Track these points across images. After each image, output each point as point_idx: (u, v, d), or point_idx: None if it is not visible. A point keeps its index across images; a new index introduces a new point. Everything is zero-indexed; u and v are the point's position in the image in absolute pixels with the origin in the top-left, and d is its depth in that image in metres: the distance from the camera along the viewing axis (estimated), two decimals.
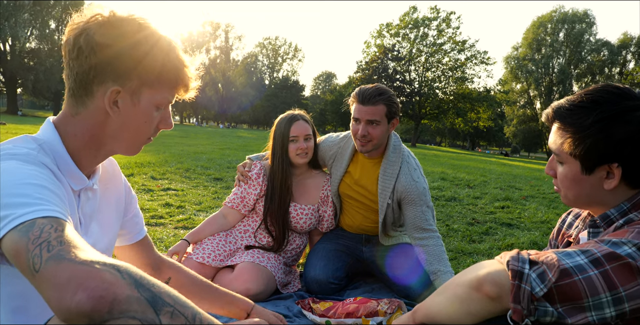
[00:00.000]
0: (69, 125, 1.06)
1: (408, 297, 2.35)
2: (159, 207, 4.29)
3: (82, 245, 0.74)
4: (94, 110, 1.04)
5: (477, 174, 10.37)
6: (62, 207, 0.84)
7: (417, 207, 2.36)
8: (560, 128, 1.17)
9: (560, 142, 1.18)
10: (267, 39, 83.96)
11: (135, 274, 0.69)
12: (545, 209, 5.64)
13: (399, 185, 2.36)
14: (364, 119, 2.26)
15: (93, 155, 1.10)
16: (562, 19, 51.35)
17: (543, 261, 0.96)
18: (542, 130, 52.62)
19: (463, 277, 1.06)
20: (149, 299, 0.67)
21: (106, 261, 0.69)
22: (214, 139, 20.11)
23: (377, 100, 2.23)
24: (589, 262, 0.94)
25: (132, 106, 1.05)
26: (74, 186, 1.07)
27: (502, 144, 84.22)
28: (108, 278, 0.65)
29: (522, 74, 53.35)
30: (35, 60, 43.23)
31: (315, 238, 2.75)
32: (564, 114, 1.16)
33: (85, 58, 0.99)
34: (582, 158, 1.13)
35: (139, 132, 1.10)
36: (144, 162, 7.67)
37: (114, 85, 1.02)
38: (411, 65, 50.23)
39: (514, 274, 0.95)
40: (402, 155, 2.41)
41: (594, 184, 1.15)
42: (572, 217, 1.42)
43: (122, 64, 1.01)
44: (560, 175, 1.22)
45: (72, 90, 1.04)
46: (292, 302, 2.25)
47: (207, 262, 2.33)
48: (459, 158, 20.38)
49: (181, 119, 76.09)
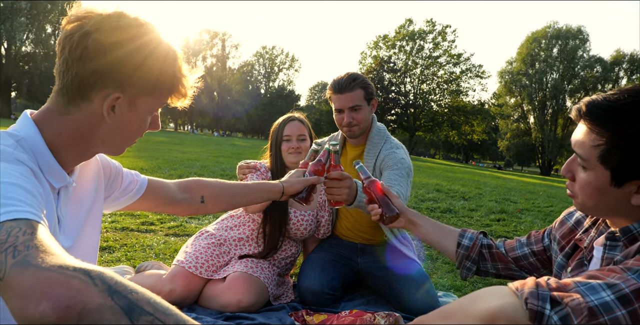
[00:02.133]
0: (54, 123, 1.01)
1: (405, 311, 2.28)
2: (150, 214, 4.20)
3: (52, 249, 0.67)
4: (88, 113, 1.00)
5: (472, 186, 10.35)
6: (36, 207, 0.78)
7: (393, 171, 2.26)
8: (594, 130, 1.02)
9: (590, 146, 1.03)
10: (265, 48, 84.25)
11: (110, 279, 0.62)
12: (541, 223, 5.60)
13: (379, 158, 2.40)
14: (346, 107, 2.33)
15: (77, 156, 1.07)
16: (556, 35, 51.90)
17: (568, 303, 0.86)
18: (536, 144, 52.97)
19: (472, 306, 0.94)
20: (125, 307, 0.59)
21: (77, 266, 0.62)
22: (208, 146, 20.01)
23: (353, 86, 2.31)
24: (615, 300, 0.85)
25: (128, 112, 1.03)
26: (55, 184, 1.02)
27: (496, 158, 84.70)
28: (76, 285, 0.58)
29: (516, 88, 53.72)
30: (30, 65, 43.16)
31: (310, 246, 2.69)
32: (600, 115, 1.01)
33: (90, 61, 0.95)
34: (614, 169, 1.01)
35: (131, 136, 1.10)
36: (136, 167, 7.58)
37: (116, 92, 0.99)
38: (407, 77, 50.68)
39: (532, 314, 0.85)
40: (385, 137, 2.47)
41: (619, 197, 1.04)
42: (581, 214, 1.33)
43: (125, 70, 0.98)
44: (582, 181, 1.09)
45: (66, 90, 0.99)
46: (284, 314, 2.17)
47: (199, 272, 2.25)
48: (453, 170, 20.39)
49: (176, 126, 75.98)
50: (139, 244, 3.19)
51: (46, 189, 0.98)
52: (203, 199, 1.54)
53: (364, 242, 2.59)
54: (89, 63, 0.95)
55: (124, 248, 3.08)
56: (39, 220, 0.75)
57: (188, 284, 2.18)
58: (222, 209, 1.65)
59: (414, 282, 2.32)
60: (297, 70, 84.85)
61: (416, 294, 2.28)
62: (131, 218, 3.98)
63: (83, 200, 1.19)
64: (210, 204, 1.57)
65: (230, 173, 8.20)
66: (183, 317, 0.64)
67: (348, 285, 2.56)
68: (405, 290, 2.30)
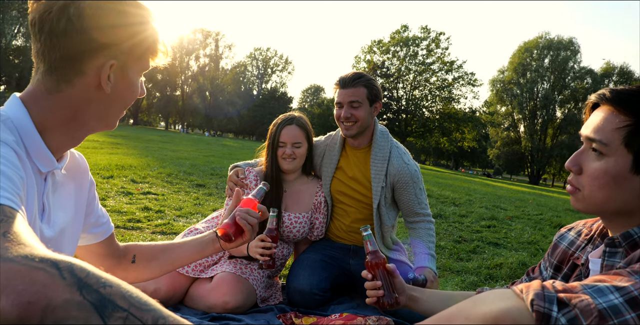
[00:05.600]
0: (44, 102, 0.95)
1: (395, 315, 2.23)
2: (137, 211, 4.12)
3: (22, 238, 0.60)
4: (82, 87, 0.95)
5: (462, 192, 10.36)
6: (12, 192, 0.72)
7: (410, 189, 2.41)
8: (618, 112, 1.00)
9: (611, 128, 1.00)
10: (258, 49, 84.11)
11: (81, 271, 0.54)
12: (531, 230, 5.60)
13: (391, 168, 2.40)
14: (346, 101, 2.33)
15: (70, 136, 1.00)
16: (547, 46, 52.43)
17: (576, 304, 0.81)
18: (525, 153, 53.39)
19: (474, 309, 0.88)
20: (95, 302, 0.51)
21: (45, 256, 0.55)
22: (199, 146, 19.87)
23: (357, 83, 2.32)
24: (624, 302, 0.80)
25: (122, 79, 1.00)
26: (42, 168, 0.96)
27: (485, 165, 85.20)
28: (41, 279, 0.51)
29: (507, 97, 54.15)
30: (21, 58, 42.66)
31: (301, 248, 2.63)
32: (626, 98, 1.00)
33: (77, 32, 0.89)
34: (637, 152, 0.97)
35: (124, 105, 1.06)
36: (125, 164, 7.47)
37: (110, 60, 0.95)
38: (399, 82, 50.84)
39: (539, 316, 0.80)
40: (390, 141, 2.46)
41: (635, 188, 1.00)
42: (574, 234, 1.28)
43: (114, 35, 0.94)
44: (596, 171, 1.04)
45: (54, 68, 0.93)
46: (272, 316, 2.11)
47: (185, 271, 2.18)
48: (444, 177, 20.46)
49: (167, 125, 75.48)
50: (124, 241, 3.10)
51: (30, 173, 0.91)
52: (134, 258, 1.39)
53: (358, 244, 2.54)
54: (75, 35, 0.90)
55: None
56: (14, 206, 0.69)
57: (173, 283, 2.11)
58: (155, 271, 1.43)
59: None
60: (290, 73, 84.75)
61: None
62: (117, 215, 3.89)
63: (72, 190, 1.13)
64: (141, 263, 1.41)
65: (220, 173, 8.12)
66: (163, 313, 0.56)
67: (338, 287, 2.51)
68: None
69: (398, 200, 2.46)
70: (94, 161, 7.35)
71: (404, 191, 2.41)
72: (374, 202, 2.42)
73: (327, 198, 2.53)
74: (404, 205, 2.44)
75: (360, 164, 2.47)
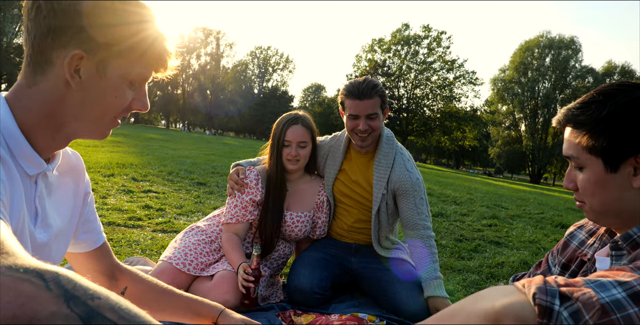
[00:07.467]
0: (24, 98, 0.91)
1: (396, 313, 2.22)
2: (138, 209, 4.11)
3: (4, 246, 0.57)
4: (54, 79, 0.90)
5: (463, 191, 10.35)
6: None
7: (411, 198, 2.35)
8: (575, 129, 1.08)
9: (576, 142, 1.08)
10: (259, 48, 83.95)
11: (68, 282, 0.51)
12: (532, 229, 5.58)
13: (393, 176, 2.35)
14: (364, 114, 2.25)
15: (51, 137, 0.95)
16: (548, 45, 52.29)
17: (578, 298, 0.81)
18: (526, 152, 53.32)
19: (475, 305, 0.87)
20: (83, 315, 0.49)
21: (28, 266, 0.51)
22: (199, 144, 19.86)
23: (372, 94, 2.24)
24: (627, 297, 0.80)
25: (97, 78, 0.92)
26: (29, 170, 0.92)
27: (486, 164, 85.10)
28: (26, 290, 0.49)
29: (508, 96, 54.03)
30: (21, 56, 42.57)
31: (303, 246, 2.62)
32: (575, 113, 1.08)
33: (44, 18, 0.86)
34: (603, 153, 1.03)
35: (105, 109, 0.96)
36: (125, 162, 7.47)
37: (75, 50, 0.88)
38: (400, 81, 50.76)
39: (541, 310, 0.79)
40: (395, 147, 2.42)
41: (621, 184, 1.04)
42: (584, 234, 1.29)
43: (87, 26, 0.87)
44: (583, 182, 1.10)
45: (30, 56, 0.90)
46: (273, 314, 2.10)
47: (187, 269, 2.17)
48: (445, 175, 20.44)
49: (167, 123, 75.46)
50: (125, 239, 3.10)
51: (16, 176, 0.87)
52: (124, 291, 1.32)
53: (360, 243, 2.53)
54: (44, 20, 0.86)
55: (109, 243, 2.98)
56: None
57: (174, 281, 2.10)
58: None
59: (406, 285, 2.27)
60: (291, 72, 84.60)
61: (409, 296, 2.23)
62: (118, 213, 3.89)
63: (66, 192, 1.10)
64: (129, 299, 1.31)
65: (221, 171, 8.12)
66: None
67: (339, 286, 2.50)
68: (397, 292, 2.25)
69: (399, 209, 2.40)
70: (94, 159, 7.35)
71: (403, 199, 2.35)
72: (374, 207, 2.39)
73: (329, 198, 2.52)
74: (403, 214, 2.37)
75: (364, 169, 2.44)
